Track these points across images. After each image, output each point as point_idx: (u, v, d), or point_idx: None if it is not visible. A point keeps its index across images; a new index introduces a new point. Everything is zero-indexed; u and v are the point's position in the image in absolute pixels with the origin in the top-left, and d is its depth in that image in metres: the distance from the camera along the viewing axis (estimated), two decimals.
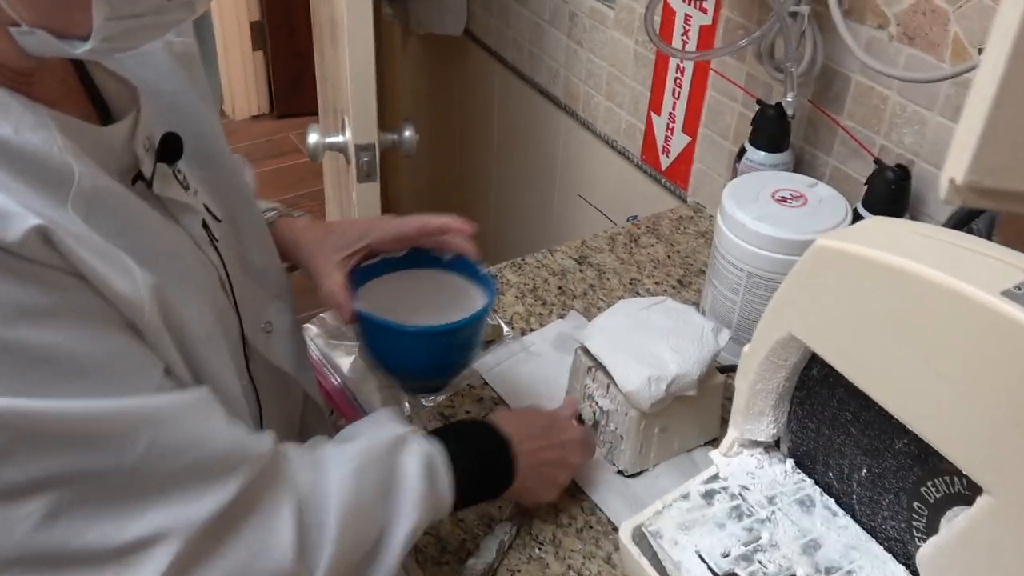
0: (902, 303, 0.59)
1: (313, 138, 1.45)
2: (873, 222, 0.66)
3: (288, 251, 0.92)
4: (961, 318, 0.55)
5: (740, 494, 0.76)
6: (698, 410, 0.97)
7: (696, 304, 1.19)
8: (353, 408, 1.04)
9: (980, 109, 0.34)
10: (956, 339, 0.56)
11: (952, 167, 0.34)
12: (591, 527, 0.91)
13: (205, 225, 0.71)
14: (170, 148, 0.68)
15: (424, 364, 0.90)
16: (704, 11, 1.28)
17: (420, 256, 0.95)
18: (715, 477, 0.78)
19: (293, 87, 3.41)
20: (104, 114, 0.67)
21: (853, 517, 0.75)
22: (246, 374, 0.76)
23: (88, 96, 0.66)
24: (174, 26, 0.60)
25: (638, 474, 0.96)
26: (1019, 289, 0.54)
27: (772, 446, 0.81)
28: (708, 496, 0.76)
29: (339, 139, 1.46)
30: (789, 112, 1.12)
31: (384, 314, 0.86)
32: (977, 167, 0.34)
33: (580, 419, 0.98)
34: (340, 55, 1.39)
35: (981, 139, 0.34)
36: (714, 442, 0.99)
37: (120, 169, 0.63)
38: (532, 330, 1.16)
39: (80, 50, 0.55)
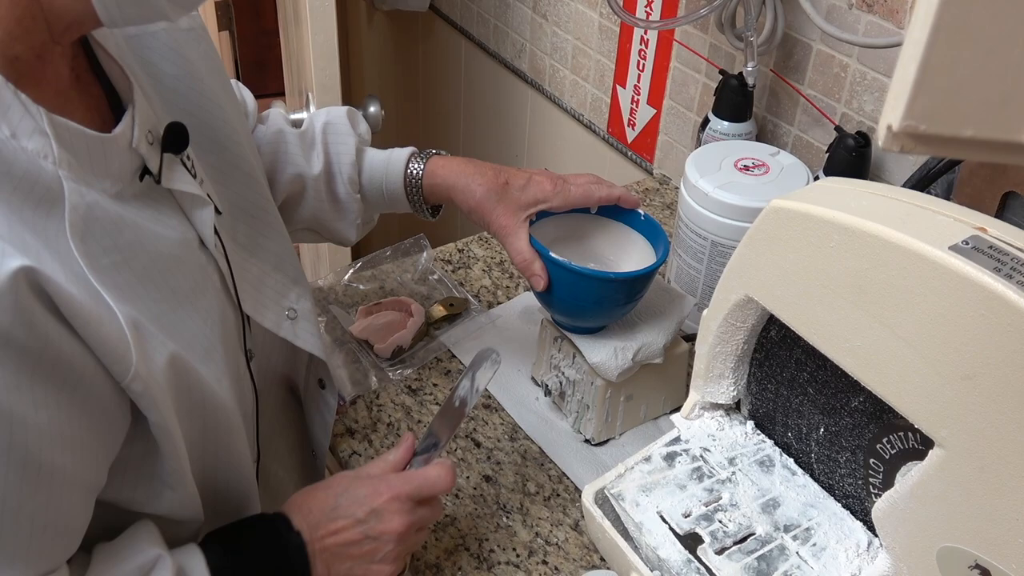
0: (855, 261, 0.59)
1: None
2: (828, 181, 0.66)
3: (452, 194, 0.91)
4: (911, 274, 0.56)
5: (701, 456, 0.77)
6: (664, 378, 0.97)
7: (662, 275, 1.19)
8: None
9: (913, 54, 0.34)
10: (907, 295, 0.57)
11: (888, 113, 0.35)
12: (558, 495, 0.92)
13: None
14: (175, 137, 0.65)
15: (606, 306, 0.89)
16: None
17: None
18: (676, 440, 0.79)
19: (260, 67, 3.37)
20: (113, 99, 0.65)
21: (812, 476, 0.76)
22: (247, 374, 0.74)
23: (97, 81, 0.64)
24: None
25: (605, 442, 0.97)
26: (967, 244, 0.55)
27: (733, 408, 0.82)
28: (670, 458, 0.77)
29: (303, 116, 1.45)
30: (750, 81, 1.13)
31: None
32: (912, 112, 0.34)
33: (547, 391, 0.99)
34: (304, 33, 1.37)
35: (915, 84, 0.34)
36: (680, 409, 1.00)
37: (125, 170, 0.61)
38: (499, 303, 1.16)
39: None
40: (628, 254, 0.96)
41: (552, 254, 0.86)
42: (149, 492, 0.62)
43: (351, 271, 1.20)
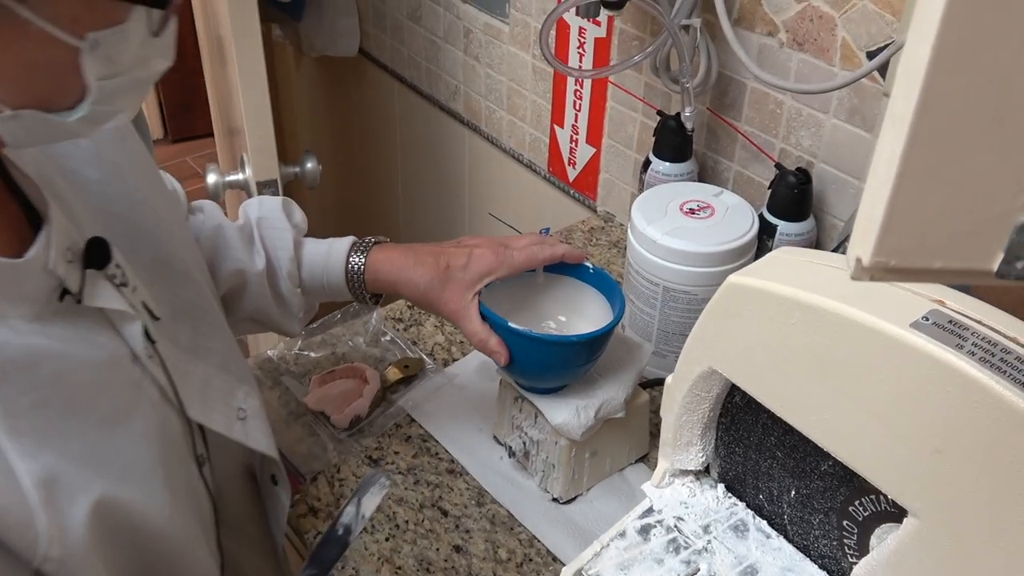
0: (817, 338, 0.60)
1: (212, 179, 1.41)
2: (782, 253, 0.66)
3: (396, 288, 0.91)
4: (874, 351, 0.56)
5: (676, 526, 0.76)
6: (627, 430, 0.97)
7: None
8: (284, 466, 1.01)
9: (880, 194, 0.34)
10: (871, 371, 0.57)
11: (857, 247, 0.34)
12: (531, 560, 0.91)
13: (146, 331, 0.66)
14: (97, 253, 0.62)
15: (569, 368, 0.90)
16: (598, 24, 1.28)
17: None
18: (649, 511, 0.78)
19: (186, 109, 3.32)
20: (33, 215, 0.61)
21: (786, 537, 0.76)
22: (200, 482, 0.71)
23: (14, 198, 0.61)
24: (155, 79, 0.57)
25: (573, 500, 0.96)
26: (927, 320, 0.55)
27: (703, 472, 0.82)
28: (644, 532, 0.76)
29: (239, 177, 1.42)
30: (688, 126, 1.13)
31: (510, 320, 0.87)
32: (882, 249, 0.34)
33: (511, 452, 0.98)
34: (231, 75, 1.35)
35: (883, 224, 0.34)
36: (645, 458, 1.00)
37: (42, 292, 0.58)
38: (454, 360, 1.15)
39: (73, 118, 0.52)
40: (583, 310, 0.95)
41: (510, 324, 0.85)
42: None
43: (300, 340, 1.17)
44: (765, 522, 0.77)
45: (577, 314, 0.96)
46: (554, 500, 0.96)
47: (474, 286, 0.89)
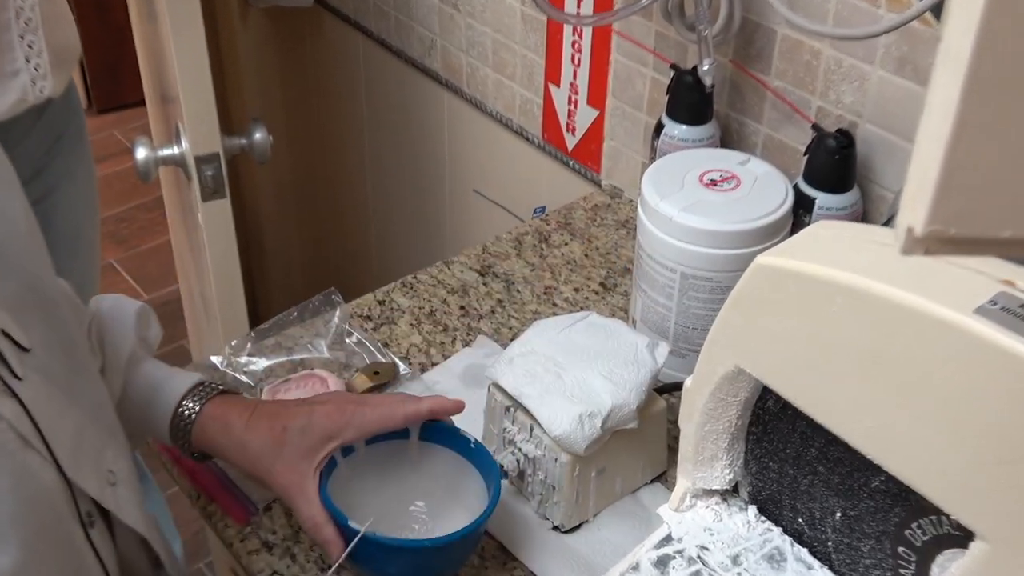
0: (863, 329, 0.60)
1: (142, 153, 1.41)
2: (820, 229, 0.66)
3: (223, 452, 0.89)
4: (931, 343, 0.56)
5: (699, 556, 0.77)
6: (640, 443, 0.97)
7: (625, 311, 1.19)
8: (225, 489, 1.01)
9: (936, 147, 0.33)
10: (928, 367, 0.57)
11: (909, 215, 0.34)
12: None
13: (4, 360, 0.64)
14: None
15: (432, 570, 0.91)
16: None
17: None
18: (667, 539, 0.79)
19: (112, 73, 3.31)
20: None
21: (831, 568, 0.76)
22: (86, 545, 0.69)
23: None
24: None
25: (577, 528, 0.96)
26: (994, 304, 0.55)
27: (730, 492, 0.82)
28: (662, 564, 0.77)
29: (174, 151, 1.42)
30: (707, 82, 1.13)
31: (365, 506, 0.88)
32: (938, 215, 0.34)
33: (503, 472, 0.98)
34: (162, 30, 1.34)
35: (939, 185, 0.33)
36: (663, 476, 1.00)
37: None
38: (434, 364, 1.14)
39: None
40: (459, 492, 0.95)
41: (348, 521, 0.84)
42: None
43: (251, 343, 1.17)
44: (806, 550, 0.77)
45: (452, 497, 0.95)
46: (555, 528, 0.96)
47: (314, 454, 0.86)
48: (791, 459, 0.75)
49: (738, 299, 0.68)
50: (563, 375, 0.94)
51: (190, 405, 0.90)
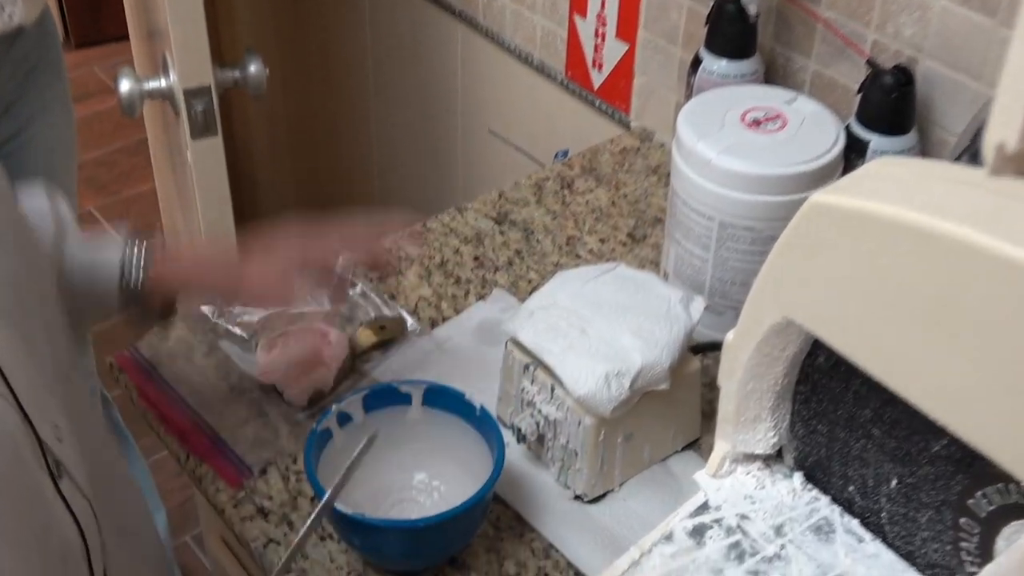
0: (932, 276, 0.60)
1: (126, 85, 1.41)
2: (881, 166, 0.66)
3: (188, 288, 0.96)
4: (1011, 291, 0.56)
5: (739, 526, 0.77)
6: (672, 407, 0.97)
7: (655, 265, 1.19)
8: (217, 450, 1.01)
9: None
10: (1006, 319, 0.57)
11: (999, 130, 0.33)
12: (547, 574, 0.91)
13: None
14: None
15: (424, 554, 0.92)
16: None
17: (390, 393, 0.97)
18: (704, 507, 0.79)
19: (91, 6, 3.30)
20: None
21: (884, 541, 0.77)
22: (56, 499, 0.69)
23: None
24: None
25: (601, 498, 0.97)
26: None
27: (774, 458, 0.83)
28: (697, 533, 0.77)
29: (161, 84, 1.42)
30: (751, 12, 1.12)
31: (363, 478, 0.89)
32: None
33: (520, 436, 0.98)
34: None
35: None
36: (695, 444, 1.00)
37: None
38: (445, 319, 1.15)
39: None
40: (464, 461, 0.95)
41: (337, 506, 0.85)
42: None
43: None
44: (856, 521, 0.78)
45: (458, 466, 0.96)
46: (576, 498, 0.96)
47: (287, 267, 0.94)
48: (842, 421, 0.75)
49: (789, 242, 0.68)
50: (588, 330, 0.94)
51: (132, 276, 0.93)
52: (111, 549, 0.75)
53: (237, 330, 1.13)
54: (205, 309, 1.15)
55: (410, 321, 1.14)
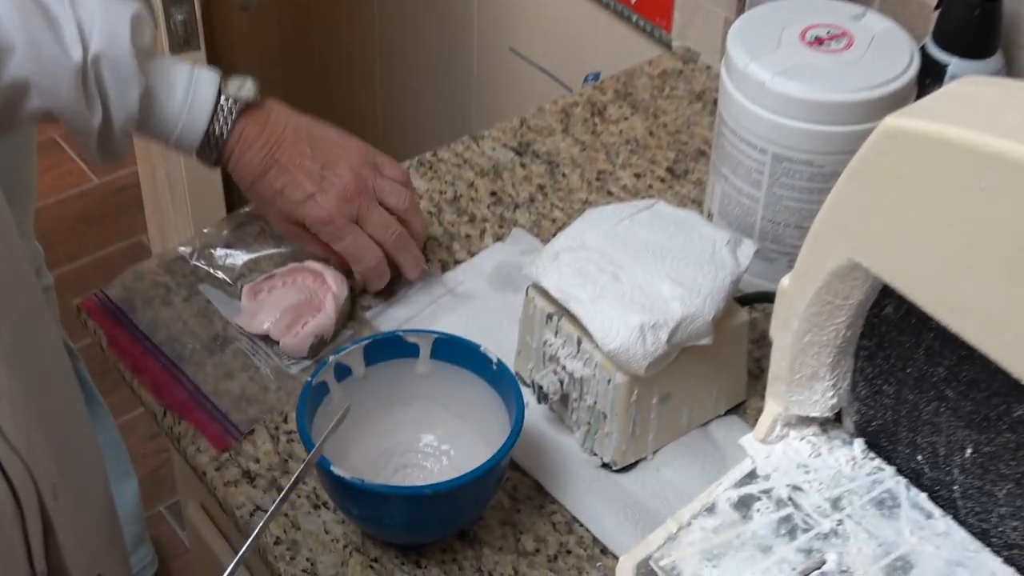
0: (1020, 210, 0.58)
1: None
2: (964, 86, 0.65)
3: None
4: None
5: (790, 498, 0.77)
6: (715, 364, 0.98)
7: (698, 204, 1.19)
8: (200, 407, 1.01)
9: None
10: None
11: None
12: (569, 551, 0.92)
13: None
14: None
15: (431, 525, 0.92)
16: None
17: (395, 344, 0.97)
18: (751, 476, 0.79)
19: None
20: None
21: (955, 517, 0.77)
22: None
23: None
24: None
25: (632, 466, 0.97)
26: None
27: (832, 422, 0.83)
28: (743, 506, 0.77)
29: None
30: None
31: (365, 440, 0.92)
32: None
33: (541, 395, 0.98)
34: None
35: None
36: (741, 408, 1.00)
37: None
38: (458, 262, 1.16)
39: None
40: (477, 423, 0.96)
41: (332, 467, 0.85)
42: None
43: (227, 230, 1.17)
44: (924, 495, 0.78)
45: (471, 428, 0.97)
46: (604, 466, 0.97)
47: None
48: (912, 381, 0.75)
49: (857, 173, 0.67)
50: (621, 276, 0.94)
51: (219, 126, 1.09)
52: (52, 511, 0.76)
53: (220, 273, 1.14)
54: (183, 249, 1.16)
55: None
